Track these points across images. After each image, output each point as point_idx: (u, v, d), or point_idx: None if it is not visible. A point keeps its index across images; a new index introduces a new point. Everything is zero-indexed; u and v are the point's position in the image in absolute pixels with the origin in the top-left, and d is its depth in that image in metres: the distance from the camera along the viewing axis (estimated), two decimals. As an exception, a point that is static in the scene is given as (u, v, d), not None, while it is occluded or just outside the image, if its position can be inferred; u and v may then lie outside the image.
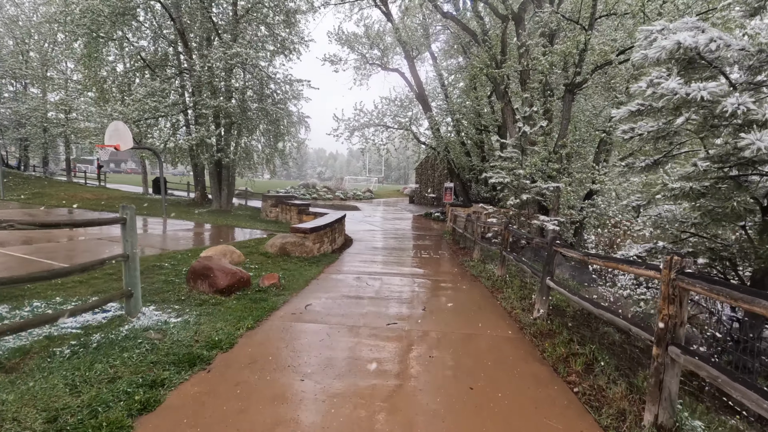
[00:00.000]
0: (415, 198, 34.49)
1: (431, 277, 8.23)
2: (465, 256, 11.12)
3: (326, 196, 34.08)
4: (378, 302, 6.12)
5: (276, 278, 6.46)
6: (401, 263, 9.85)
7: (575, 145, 14.19)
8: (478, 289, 7.23)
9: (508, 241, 7.74)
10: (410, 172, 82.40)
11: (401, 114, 23.83)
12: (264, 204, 17.66)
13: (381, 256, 10.75)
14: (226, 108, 15.30)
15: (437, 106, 24.11)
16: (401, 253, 11.63)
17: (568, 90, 12.61)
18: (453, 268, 9.38)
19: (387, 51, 24.38)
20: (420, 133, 24.36)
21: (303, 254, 9.33)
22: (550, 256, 5.29)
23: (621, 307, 5.80)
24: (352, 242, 13.49)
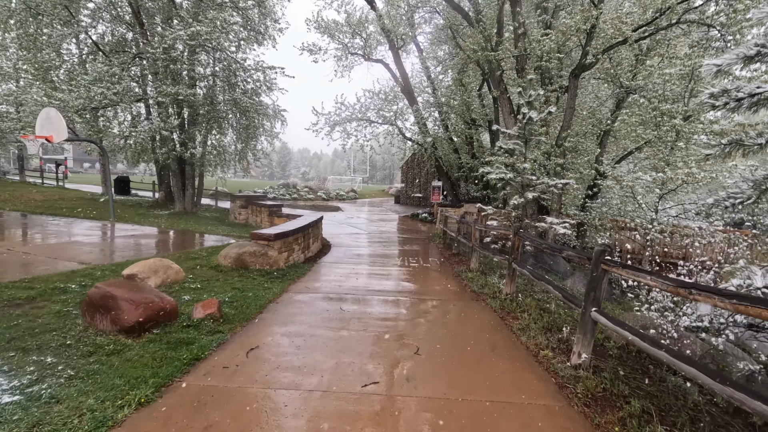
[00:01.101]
0: (401, 198, 32.92)
1: (424, 297, 6.60)
2: (460, 265, 9.54)
3: (307, 196, 32.23)
4: (353, 341, 4.46)
5: (215, 306, 4.74)
6: (386, 275, 8.21)
7: (576, 139, 12.79)
8: (486, 315, 5.63)
9: (519, 251, 6.17)
10: (396, 171, 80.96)
11: (386, 108, 22.19)
12: (233, 205, 15.79)
13: (362, 266, 9.09)
14: (187, 97, 13.42)
15: (424, 100, 22.56)
16: (386, 261, 9.99)
17: (573, 74, 11.16)
18: (449, 282, 7.78)
19: (370, 40, 22.70)
20: (405, 128, 22.77)
21: (265, 266, 7.60)
22: (596, 278, 3.72)
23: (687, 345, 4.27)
24: (330, 248, 11.80)
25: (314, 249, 10.60)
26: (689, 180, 8.04)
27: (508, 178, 8.90)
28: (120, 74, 13.30)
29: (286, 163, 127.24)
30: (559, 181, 8.84)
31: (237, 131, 17.55)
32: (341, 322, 5.06)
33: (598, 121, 13.10)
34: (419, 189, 31.43)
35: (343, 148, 21.69)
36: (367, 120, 22.15)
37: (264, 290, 6.26)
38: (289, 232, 8.49)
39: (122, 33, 17.70)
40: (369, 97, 22.04)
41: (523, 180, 8.94)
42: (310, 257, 9.89)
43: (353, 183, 56.36)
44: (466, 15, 14.25)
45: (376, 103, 22.07)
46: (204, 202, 22.02)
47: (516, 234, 6.13)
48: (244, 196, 15.47)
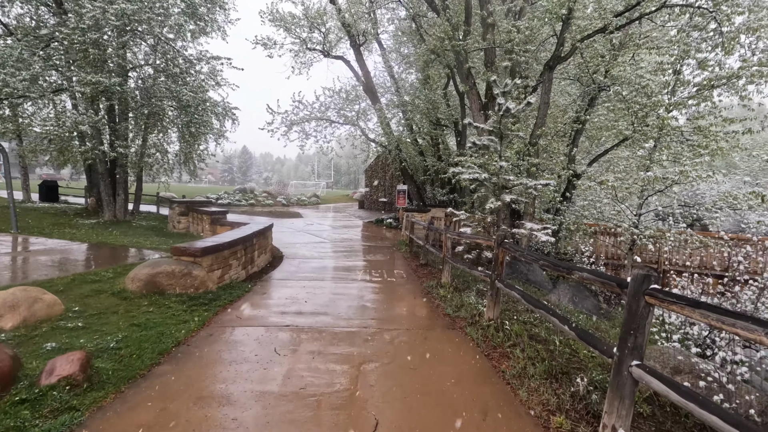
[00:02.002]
0: (366, 203, 31.60)
1: (388, 327, 5.26)
2: (430, 278, 8.30)
3: (266, 201, 30.26)
4: (282, 417, 3.06)
5: (78, 362, 3.20)
6: (343, 295, 6.82)
7: (550, 138, 11.95)
8: (466, 353, 4.34)
9: (503, 265, 4.97)
10: (361, 176, 79.70)
11: (347, 107, 20.83)
12: (171, 212, 13.86)
13: (316, 283, 7.66)
14: (112, 87, 11.51)
15: (387, 100, 21.39)
16: (345, 275, 8.61)
17: (548, 66, 10.26)
18: (417, 303, 6.49)
19: (329, 36, 21.33)
20: (369, 129, 21.49)
21: (189, 289, 6.03)
22: (638, 316, 2.51)
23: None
24: (281, 260, 10.28)
25: (261, 262, 9.05)
26: (680, 179, 7.22)
27: (483, 179, 7.76)
28: (30, 59, 11.23)
29: (248, 168, 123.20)
30: (539, 182, 7.79)
31: (180, 130, 15.63)
32: (277, 375, 3.64)
33: (570, 119, 12.31)
34: (384, 193, 30.24)
35: (301, 149, 20.14)
36: (327, 120, 20.70)
37: (177, 324, 4.72)
38: (225, 244, 6.94)
39: (42, 16, 15.42)
40: (329, 95, 20.63)
41: (499, 181, 7.82)
42: (254, 273, 8.35)
43: (317, 188, 54.39)
44: (431, 1, 13.18)
45: (337, 102, 20.68)
46: (145, 209, 19.79)
47: (500, 245, 4.92)
48: (184, 202, 13.60)
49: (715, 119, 7.97)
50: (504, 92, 7.63)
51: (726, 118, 7.69)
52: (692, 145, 8.13)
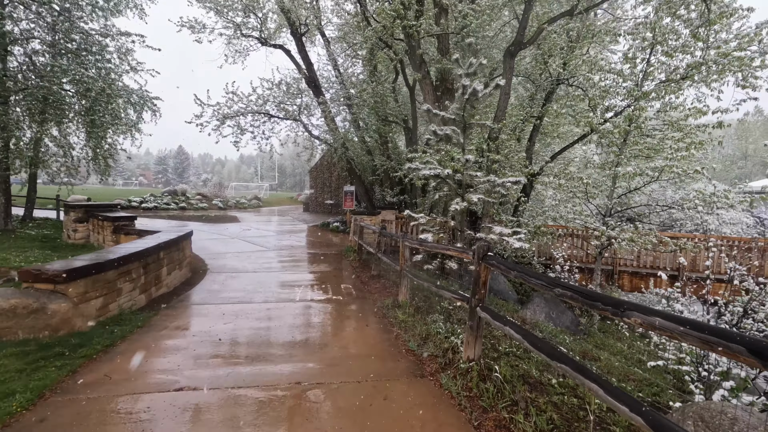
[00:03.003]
0: (311, 205, 29.73)
1: (334, 381, 3.79)
2: (384, 295, 6.92)
3: (199, 205, 27.42)
4: None
5: None
6: (276, 326, 5.25)
7: (507, 134, 11.07)
8: (450, 426, 2.99)
9: (486, 286, 3.69)
10: (306, 177, 77.29)
11: (288, 101, 19.00)
12: (66, 219, 11.31)
13: (242, 308, 6.01)
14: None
15: (333, 94, 19.82)
16: (281, 293, 7.00)
17: (509, 53, 9.30)
18: (371, 331, 5.08)
19: (268, 23, 19.41)
20: (313, 125, 19.76)
21: (41, 333, 4.17)
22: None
23: None
24: (204, 275, 8.45)
25: (173, 281, 7.19)
26: (662, 176, 6.45)
27: (445, 176, 6.52)
28: None
29: (184, 170, 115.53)
30: (508, 180, 6.69)
31: (83, 119, 13.05)
32: None
33: (529, 113, 11.52)
34: (330, 195, 28.59)
35: (236, 146, 17.97)
36: (265, 114, 18.74)
37: (-9, 402, 2.94)
38: (110, 262, 5.11)
39: None
40: (268, 87, 18.66)
41: (464, 178, 6.62)
42: (161, 296, 6.51)
43: (260, 190, 51.37)
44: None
45: (277, 95, 18.78)
46: (42, 215, 16.71)
47: (482, 260, 3.63)
48: (82, 206, 11.15)
49: (688, 111, 7.34)
50: (468, 73, 6.44)
51: (699, 108, 7.06)
52: (666, 138, 7.45)
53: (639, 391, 4.02)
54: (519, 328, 3.01)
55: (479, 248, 3.69)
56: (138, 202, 24.80)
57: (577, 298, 2.33)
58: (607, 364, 4.78)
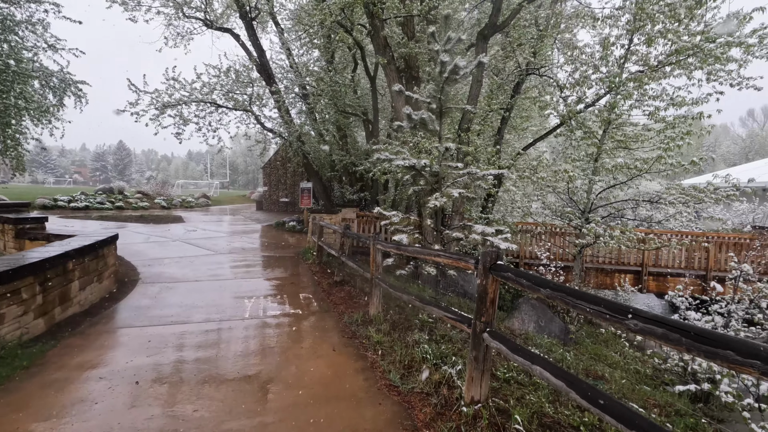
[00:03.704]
0: (265, 203, 28.03)
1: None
2: (351, 306, 5.95)
3: (139, 204, 24.91)
4: None
5: None
6: (218, 356, 4.13)
7: (479, 125, 10.41)
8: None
9: (494, 305, 2.83)
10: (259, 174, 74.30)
11: (238, 90, 17.44)
12: (-42, 222, 9.33)
13: (174, 330, 4.82)
14: None
15: (288, 83, 18.41)
16: (227, 308, 5.83)
17: (482, 36, 8.58)
18: (341, 362, 4.08)
19: (213, 2, 17.71)
20: (265, 116, 18.29)
21: None
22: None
23: None
24: (135, 287, 7.07)
25: (87, 298, 5.81)
26: (652, 168, 5.94)
27: (421, 167, 5.63)
28: None
29: (126, 166, 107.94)
30: (489, 172, 5.91)
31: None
32: None
33: (499, 105, 10.92)
34: (286, 192, 27.09)
35: (178, 137, 16.17)
36: (212, 103, 17.08)
37: None
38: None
39: None
40: (215, 74, 16.99)
41: (442, 170, 5.77)
42: (69, 318, 5.15)
43: (210, 188, 48.42)
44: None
45: (225, 83, 17.16)
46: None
47: (490, 270, 2.76)
48: (-20, 206, 9.21)
49: (672, 99, 6.92)
50: (447, 50, 5.58)
51: (683, 99, 6.65)
52: (648, 129, 7.00)
53: (671, 423, 3.33)
54: (559, 371, 2.15)
55: (486, 256, 2.82)
56: (66, 201, 22.12)
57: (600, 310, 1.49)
58: (617, 385, 4.10)
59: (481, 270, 2.86)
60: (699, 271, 12.72)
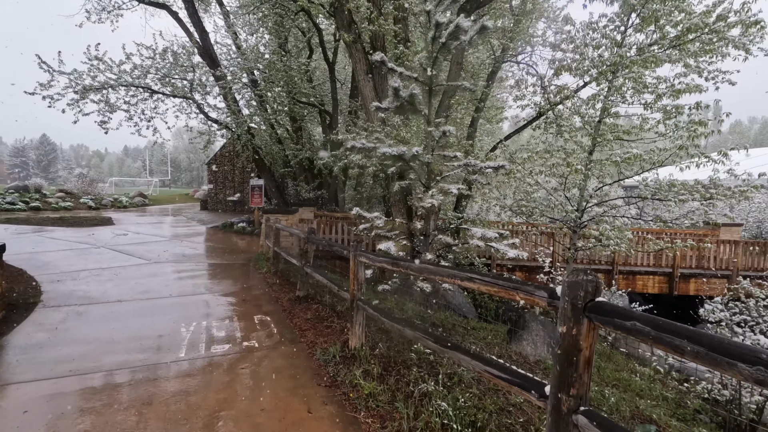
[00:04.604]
0: (210, 203, 25.69)
1: None
2: (323, 332, 4.69)
3: (61, 204, 21.75)
4: None
5: None
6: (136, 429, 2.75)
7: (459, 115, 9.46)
8: None
9: (590, 365, 1.75)
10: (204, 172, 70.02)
11: (177, 74, 15.38)
12: None
13: (71, 385, 3.33)
14: None
15: (234, 73, 16.51)
16: (154, 343, 4.36)
17: (463, 10, 7.58)
18: (319, 427, 2.85)
19: (146, -26, 15.50)
20: (209, 105, 16.32)
21: None
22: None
23: None
24: (28, 314, 5.37)
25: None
26: (670, 160, 5.20)
27: (410, 157, 4.47)
28: None
29: (50, 163, 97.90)
30: (488, 164, 4.87)
31: None
32: None
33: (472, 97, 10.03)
34: (234, 190, 24.97)
35: (103, 126, 13.87)
36: (146, 89, 14.92)
37: None
38: None
39: None
40: (148, 56, 14.85)
41: (435, 161, 4.65)
42: None
43: (149, 186, 44.48)
44: None
45: (162, 67, 15.05)
46: None
47: (585, 311, 1.68)
48: None
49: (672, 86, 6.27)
50: (440, 9, 4.45)
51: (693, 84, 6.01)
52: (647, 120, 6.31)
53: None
54: None
55: (577, 287, 1.72)
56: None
57: None
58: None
59: (569, 310, 1.76)
60: (666, 269, 12.70)
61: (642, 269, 12.66)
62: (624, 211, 6.95)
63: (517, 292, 2.10)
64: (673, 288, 12.72)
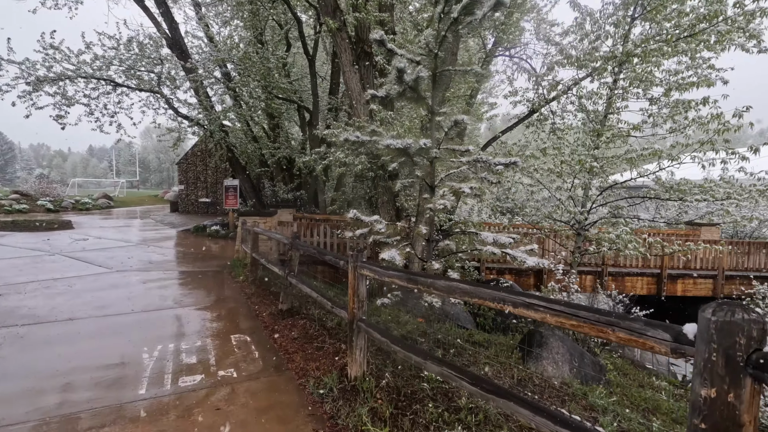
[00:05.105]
0: (181, 204, 24.36)
1: None
2: (315, 358, 4.01)
3: (15, 207, 20.07)
4: None
5: None
6: None
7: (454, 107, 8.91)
8: None
9: None
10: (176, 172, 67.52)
11: (143, 66, 14.27)
12: None
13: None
14: None
15: (209, 61, 15.48)
16: (109, 375, 3.57)
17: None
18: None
19: (108, -42, 14.35)
20: (179, 101, 15.22)
21: None
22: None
23: None
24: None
25: None
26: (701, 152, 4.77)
27: (416, 151, 3.86)
28: None
29: (7, 162, 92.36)
30: (499, 160, 4.31)
31: None
32: None
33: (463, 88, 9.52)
34: (206, 192, 23.77)
35: (59, 121, 12.66)
36: (109, 81, 13.77)
37: None
38: None
39: None
40: (112, 46, 13.71)
41: (441, 155, 4.05)
42: None
43: (116, 188, 42.24)
44: None
45: (126, 58, 13.91)
46: None
47: (758, 368, 1.09)
48: None
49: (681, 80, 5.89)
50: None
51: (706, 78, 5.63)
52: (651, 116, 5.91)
53: None
54: None
55: (735, 330, 1.13)
56: None
57: None
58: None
59: (720, 364, 1.18)
60: (654, 269, 12.54)
61: (631, 270, 12.46)
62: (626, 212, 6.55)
63: (613, 330, 1.50)
64: (662, 289, 12.57)
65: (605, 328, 1.53)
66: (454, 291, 2.29)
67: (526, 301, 1.84)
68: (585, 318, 1.59)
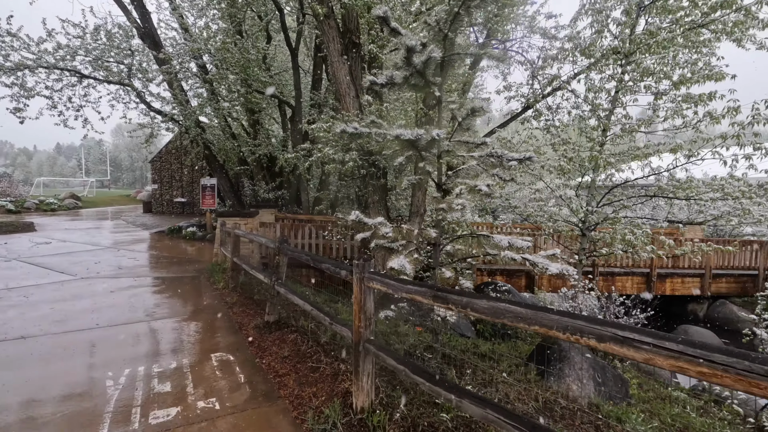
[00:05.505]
0: (155, 205, 23.21)
1: None
2: (310, 382, 3.47)
3: (-29, 207, 18.67)
4: None
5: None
6: None
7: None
8: None
9: None
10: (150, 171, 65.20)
11: (112, 57, 13.33)
12: None
13: None
14: None
15: (183, 50, 14.57)
16: (63, 412, 2.95)
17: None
18: None
19: (73, -61, 13.33)
20: (152, 95, 14.28)
21: None
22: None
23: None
24: None
25: None
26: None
27: (427, 143, 3.40)
28: None
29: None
30: (513, 155, 3.87)
31: None
32: None
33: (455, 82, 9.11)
34: (182, 191, 22.71)
35: (17, 114, 11.63)
36: (74, 72, 12.78)
37: None
38: None
39: None
40: (77, 34, 12.73)
41: (454, 148, 3.58)
42: None
43: (85, 187, 40.29)
44: None
45: (94, 48, 12.95)
46: None
47: None
48: None
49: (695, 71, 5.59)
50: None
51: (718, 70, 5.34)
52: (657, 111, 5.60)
53: None
54: None
55: None
56: None
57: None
58: None
59: None
60: (644, 269, 12.46)
61: (621, 270, 12.34)
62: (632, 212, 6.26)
63: None
64: (651, 288, 12.49)
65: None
66: (501, 315, 1.81)
67: (618, 335, 1.37)
68: (727, 365, 1.13)
